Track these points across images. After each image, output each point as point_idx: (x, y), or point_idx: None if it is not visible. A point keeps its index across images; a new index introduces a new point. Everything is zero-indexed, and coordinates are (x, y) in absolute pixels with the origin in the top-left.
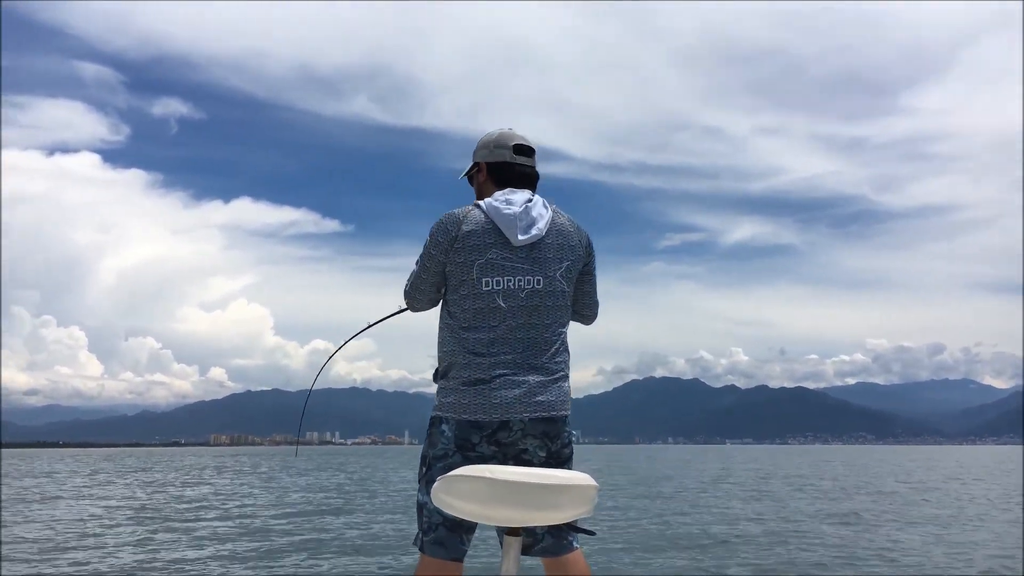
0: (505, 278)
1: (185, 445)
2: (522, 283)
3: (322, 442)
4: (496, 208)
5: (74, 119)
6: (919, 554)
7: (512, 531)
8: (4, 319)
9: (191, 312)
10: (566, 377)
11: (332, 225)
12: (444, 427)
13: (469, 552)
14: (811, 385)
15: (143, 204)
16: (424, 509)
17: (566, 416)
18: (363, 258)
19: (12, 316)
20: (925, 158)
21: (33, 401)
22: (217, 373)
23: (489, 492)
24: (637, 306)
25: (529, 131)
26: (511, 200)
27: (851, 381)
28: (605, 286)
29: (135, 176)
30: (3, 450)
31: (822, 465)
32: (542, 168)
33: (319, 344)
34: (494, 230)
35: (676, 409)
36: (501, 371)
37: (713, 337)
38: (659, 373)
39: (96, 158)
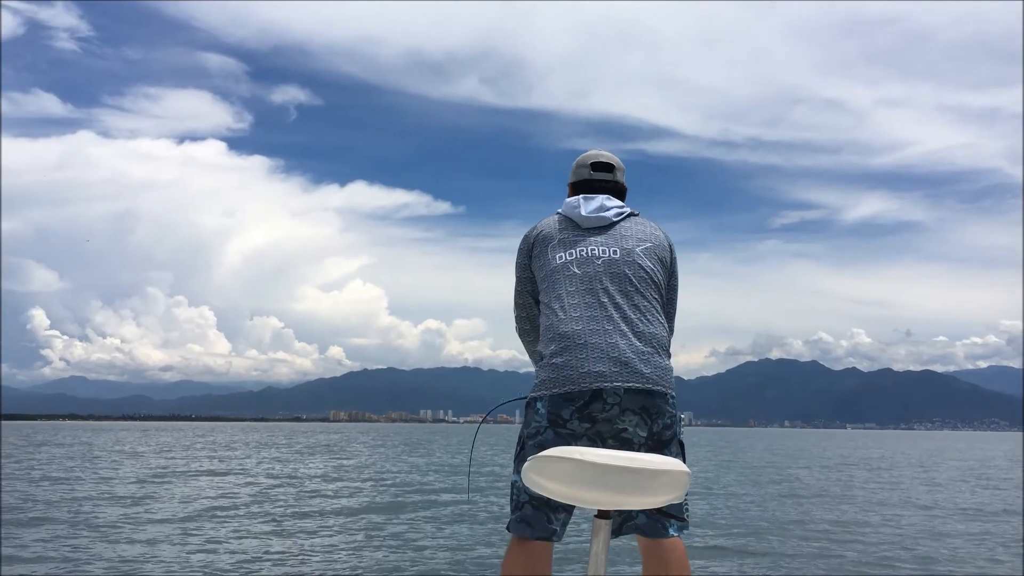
0: (577, 248)
1: (307, 420)
2: (595, 252)
3: (435, 420)
4: (567, 202)
5: (201, 108)
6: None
7: (602, 514)
8: (140, 299)
9: (310, 292)
10: (666, 353)
11: (443, 207)
12: (539, 405)
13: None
14: (939, 368)
15: (265, 189)
16: (513, 488)
17: (667, 394)
18: (474, 239)
19: (148, 296)
20: None
21: (168, 377)
22: (335, 351)
23: (577, 473)
24: (751, 286)
25: (639, 109)
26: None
27: (983, 364)
28: (719, 265)
29: (258, 162)
30: (141, 422)
31: (948, 452)
32: (653, 146)
33: (431, 324)
34: (565, 219)
35: (794, 392)
36: (589, 338)
37: (833, 318)
38: (775, 355)
39: (222, 145)
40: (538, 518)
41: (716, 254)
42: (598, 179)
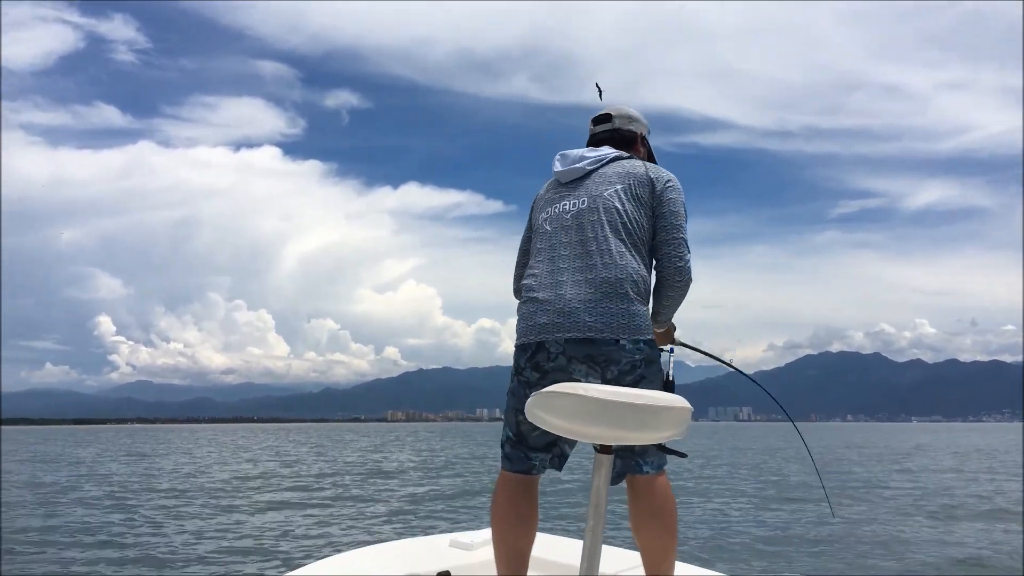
0: (552, 206)
1: (365, 421)
2: (567, 205)
3: (491, 419)
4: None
5: (256, 115)
6: None
7: (603, 449)
8: (201, 304)
9: (366, 294)
10: (625, 297)
11: (495, 206)
12: (515, 353)
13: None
14: (1008, 359)
15: (320, 193)
16: (503, 428)
17: (619, 340)
18: None
19: (208, 301)
20: None
21: (230, 380)
22: (391, 352)
23: (579, 408)
24: (809, 278)
25: (691, 101)
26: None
27: None
28: (775, 258)
29: (312, 167)
30: (207, 424)
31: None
32: (707, 138)
33: (485, 323)
34: (553, 179)
35: (855, 385)
36: (542, 293)
37: (895, 309)
38: (836, 348)
39: (277, 151)
40: (516, 455)
41: (772, 246)
42: (596, 131)
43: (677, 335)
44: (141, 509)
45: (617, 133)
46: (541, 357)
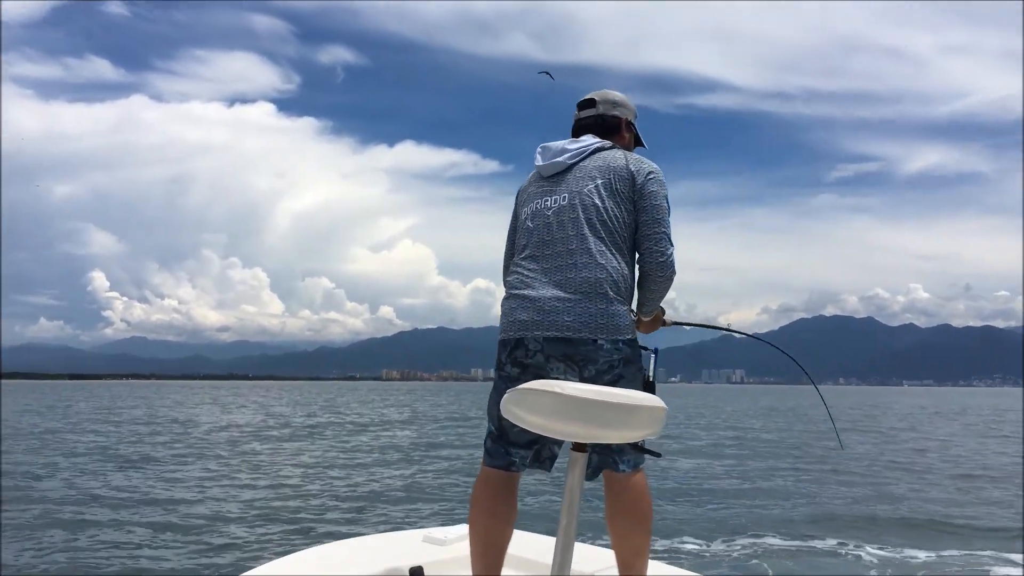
0: (534, 202)
1: (360, 379)
2: (548, 202)
3: (486, 379)
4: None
5: (250, 70)
6: None
7: (578, 447)
8: (196, 261)
9: (361, 253)
10: (605, 297)
11: (491, 165)
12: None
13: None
14: (1000, 324)
15: (315, 150)
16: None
17: (597, 340)
18: None
19: (203, 258)
20: None
21: (224, 337)
22: (386, 311)
23: (554, 406)
24: (805, 241)
25: (690, 62)
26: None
27: None
28: (772, 220)
29: (307, 124)
30: (199, 381)
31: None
32: (705, 99)
33: (480, 283)
34: (535, 171)
35: (848, 349)
36: (523, 290)
37: (889, 273)
38: (829, 311)
39: (271, 107)
40: (496, 450)
41: (770, 209)
42: (580, 117)
43: (666, 317)
44: (135, 460)
45: (601, 119)
46: (520, 353)
